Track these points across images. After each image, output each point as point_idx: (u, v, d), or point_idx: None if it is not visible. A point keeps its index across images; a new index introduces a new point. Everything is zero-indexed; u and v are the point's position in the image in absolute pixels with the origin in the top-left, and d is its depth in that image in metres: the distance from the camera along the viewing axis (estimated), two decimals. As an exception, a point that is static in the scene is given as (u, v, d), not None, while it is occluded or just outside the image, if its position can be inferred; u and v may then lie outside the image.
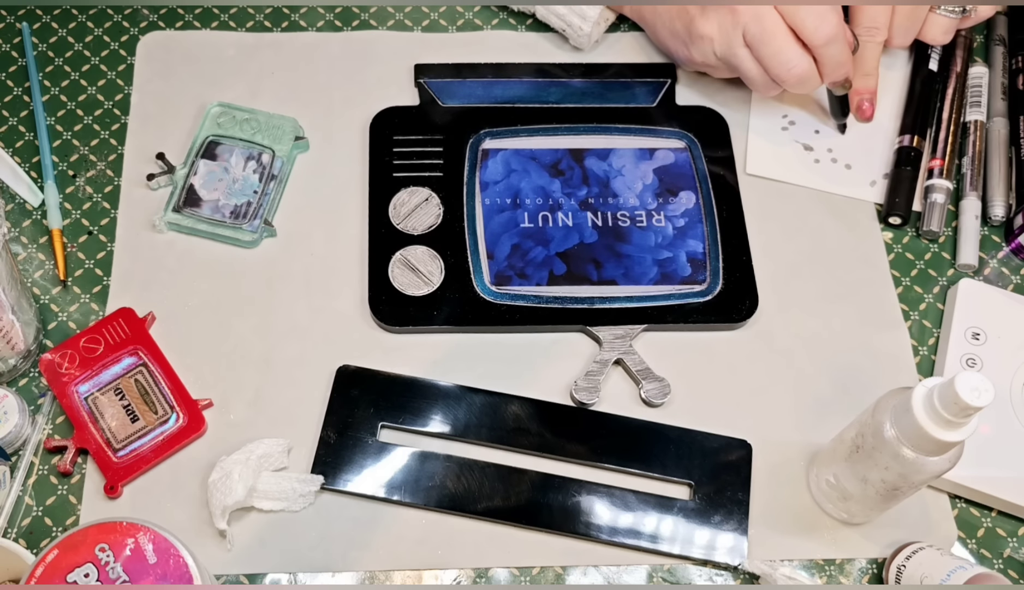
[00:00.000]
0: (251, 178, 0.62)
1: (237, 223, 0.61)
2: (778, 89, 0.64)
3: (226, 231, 0.61)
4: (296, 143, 0.64)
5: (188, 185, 0.62)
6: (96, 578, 0.42)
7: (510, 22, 0.72)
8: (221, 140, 0.64)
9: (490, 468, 0.56)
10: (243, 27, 0.71)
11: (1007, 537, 0.56)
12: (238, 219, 0.61)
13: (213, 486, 0.52)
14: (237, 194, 0.62)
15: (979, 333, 0.60)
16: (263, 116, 0.65)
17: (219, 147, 0.64)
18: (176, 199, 0.62)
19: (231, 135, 0.64)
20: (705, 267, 0.62)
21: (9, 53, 0.69)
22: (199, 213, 0.61)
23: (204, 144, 0.63)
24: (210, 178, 0.62)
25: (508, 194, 0.64)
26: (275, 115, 0.65)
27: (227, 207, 0.62)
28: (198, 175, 0.62)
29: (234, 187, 0.62)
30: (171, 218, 0.61)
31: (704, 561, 0.54)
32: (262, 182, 0.63)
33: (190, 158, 0.63)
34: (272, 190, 0.63)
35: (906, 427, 0.46)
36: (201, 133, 0.64)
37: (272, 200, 0.62)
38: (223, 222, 0.61)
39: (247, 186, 0.62)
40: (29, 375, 0.58)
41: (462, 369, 0.59)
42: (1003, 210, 0.65)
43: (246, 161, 0.63)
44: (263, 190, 0.62)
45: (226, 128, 0.64)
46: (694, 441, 0.57)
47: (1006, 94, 0.70)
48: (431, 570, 0.54)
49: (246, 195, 0.62)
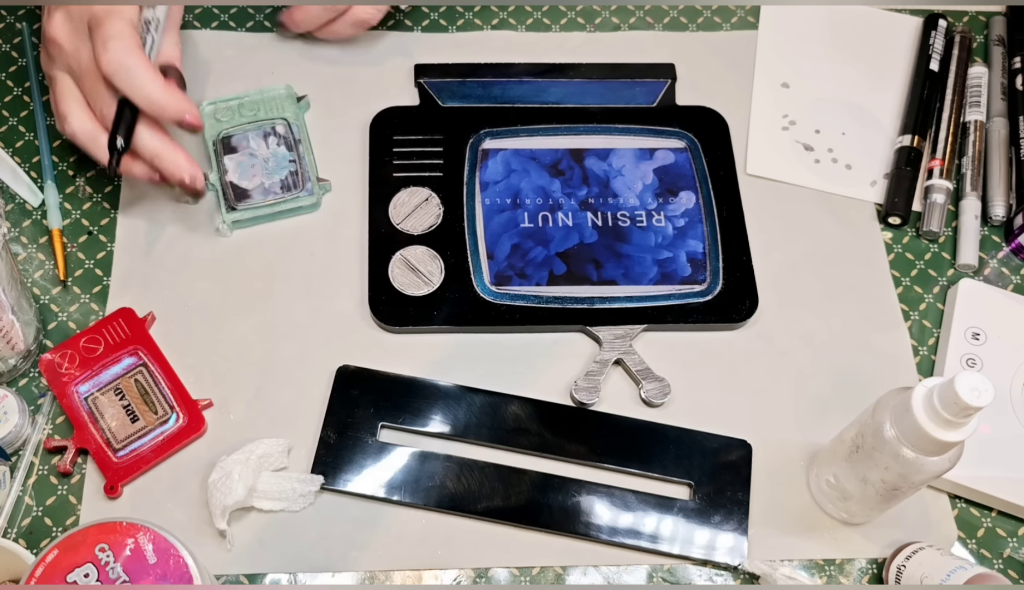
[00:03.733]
0: (279, 151, 0.63)
1: (292, 194, 0.62)
2: None
3: (286, 205, 0.62)
4: (300, 103, 0.66)
5: (228, 183, 0.62)
6: (96, 578, 0.42)
7: (510, 22, 0.72)
8: (231, 132, 0.64)
9: (490, 468, 0.56)
10: (243, 27, 0.71)
11: (1007, 537, 0.56)
12: (291, 191, 0.62)
13: (213, 486, 0.52)
14: (276, 171, 0.63)
15: (979, 333, 0.60)
16: (254, 94, 0.66)
17: (233, 139, 0.64)
18: (226, 200, 0.62)
19: (236, 124, 0.64)
20: (705, 267, 0.62)
21: (9, 53, 0.69)
22: (252, 203, 0.62)
23: (218, 142, 0.64)
24: (243, 169, 0.63)
25: (508, 194, 0.64)
26: (265, 89, 0.66)
27: (275, 185, 0.63)
28: (230, 172, 0.63)
29: (269, 166, 0.63)
30: (231, 218, 0.62)
31: (704, 561, 0.54)
32: (291, 150, 0.64)
33: (214, 161, 0.63)
34: (304, 151, 0.64)
35: (906, 427, 0.46)
36: (209, 134, 0.64)
37: (308, 160, 0.64)
38: (280, 199, 0.62)
39: (280, 160, 0.63)
40: (29, 375, 0.58)
41: (462, 369, 0.59)
42: (1003, 210, 0.65)
43: (265, 139, 0.64)
44: (297, 155, 0.63)
45: (227, 120, 0.64)
46: (694, 441, 0.57)
47: (1006, 94, 0.70)
48: (431, 570, 0.54)
49: (284, 167, 0.63)
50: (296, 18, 0.67)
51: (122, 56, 0.53)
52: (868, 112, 0.70)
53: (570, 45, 0.71)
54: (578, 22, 0.73)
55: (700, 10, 0.74)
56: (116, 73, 0.53)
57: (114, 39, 0.53)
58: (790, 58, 0.72)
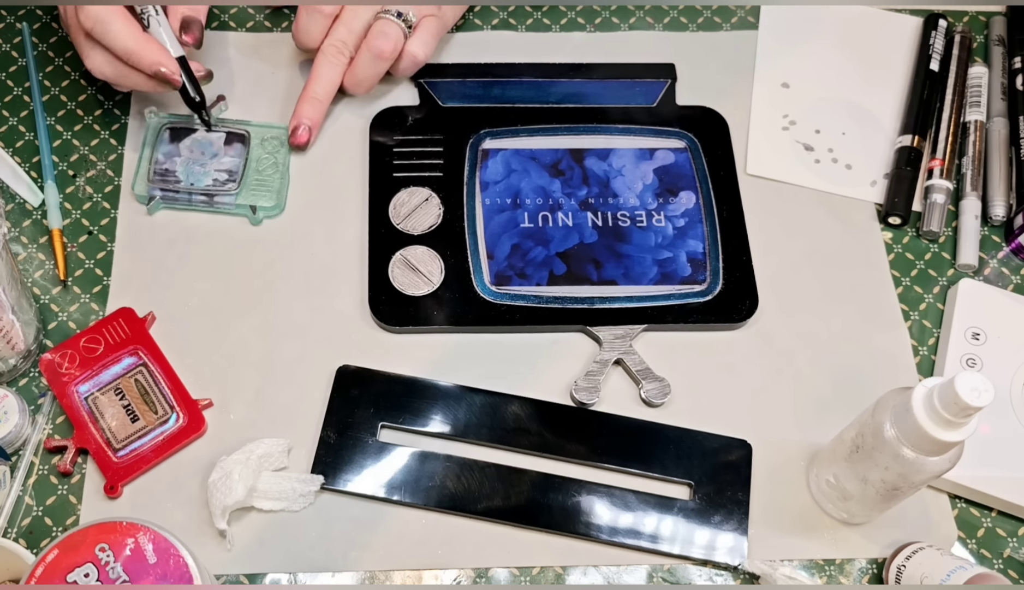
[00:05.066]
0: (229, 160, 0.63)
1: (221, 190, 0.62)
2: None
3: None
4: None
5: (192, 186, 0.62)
6: (96, 578, 0.42)
7: (510, 22, 0.72)
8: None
9: (490, 468, 0.56)
10: (243, 27, 0.71)
11: (1007, 537, 0.56)
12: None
13: (213, 486, 0.52)
14: (206, 174, 0.63)
15: (979, 333, 0.60)
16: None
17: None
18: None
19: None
20: (705, 267, 0.62)
21: (9, 53, 0.69)
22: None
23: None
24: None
25: (508, 194, 0.64)
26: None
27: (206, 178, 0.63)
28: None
29: (206, 168, 0.63)
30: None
31: (704, 561, 0.54)
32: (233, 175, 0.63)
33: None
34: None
35: (906, 427, 0.46)
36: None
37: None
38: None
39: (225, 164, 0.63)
40: (29, 375, 0.58)
41: (462, 369, 0.59)
42: (1003, 210, 0.65)
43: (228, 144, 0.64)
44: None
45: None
46: (694, 441, 0.57)
47: (1006, 94, 0.70)
48: (431, 570, 0.54)
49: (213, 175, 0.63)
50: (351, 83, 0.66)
51: (97, 11, 0.57)
52: (868, 112, 0.70)
53: (570, 45, 0.71)
54: (578, 22, 0.73)
55: (700, 10, 0.74)
56: (93, 27, 0.57)
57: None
58: (790, 58, 0.72)
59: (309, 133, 0.64)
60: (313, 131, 0.65)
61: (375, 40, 0.63)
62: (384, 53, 0.64)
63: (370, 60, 0.64)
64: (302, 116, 0.64)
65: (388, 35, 0.63)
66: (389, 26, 0.64)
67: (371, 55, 0.64)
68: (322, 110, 0.65)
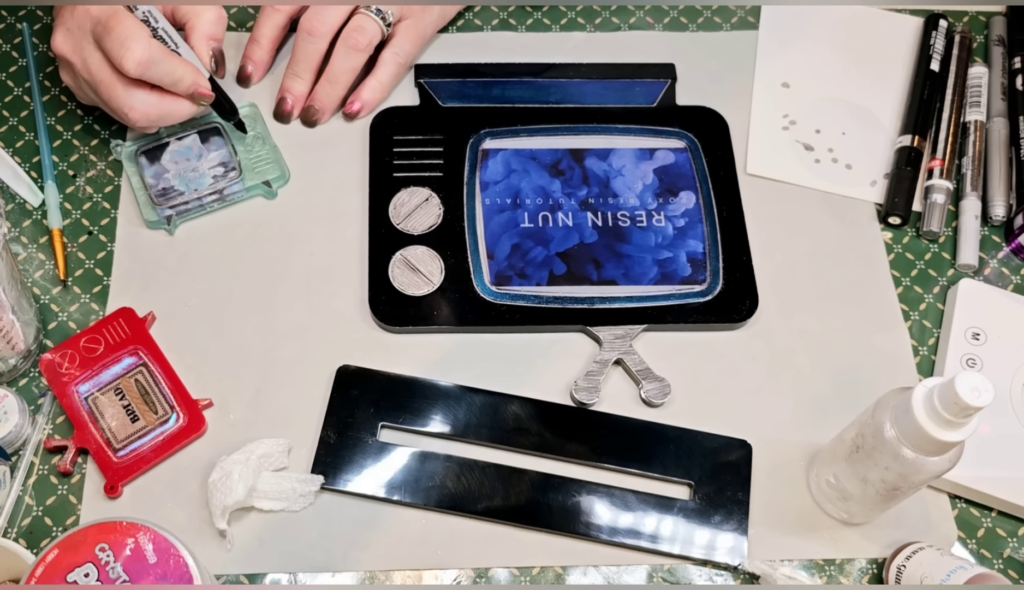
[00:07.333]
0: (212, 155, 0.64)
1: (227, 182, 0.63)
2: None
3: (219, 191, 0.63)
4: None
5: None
6: (96, 578, 0.42)
7: (510, 22, 0.72)
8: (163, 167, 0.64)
9: (490, 468, 0.56)
10: (244, 27, 0.71)
11: (1007, 537, 0.56)
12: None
13: (213, 486, 0.52)
14: (197, 180, 0.63)
15: (979, 333, 0.60)
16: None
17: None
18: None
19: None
20: (705, 267, 0.62)
21: (9, 53, 0.69)
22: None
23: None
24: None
25: (508, 194, 0.64)
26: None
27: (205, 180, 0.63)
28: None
29: (192, 174, 0.63)
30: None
31: (704, 561, 0.54)
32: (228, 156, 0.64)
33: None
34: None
35: (906, 427, 0.46)
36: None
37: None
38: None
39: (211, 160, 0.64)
40: (29, 375, 0.58)
41: (462, 369, 0.59)
42: (1003, 210, 0.65)
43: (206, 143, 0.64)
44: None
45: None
46: (694, 441, 0.57)
47: (1006, 94, 0.70)
48: (431, 570, 0.54)
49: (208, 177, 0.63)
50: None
51: (143, 53, 0.56)
52: (868, 112, 0.70)
53: (570, 45, 0.71)
54: (578, 22, 0.73)
55: (700, 10, 0.74)
56: (146, 70, 0.57)
57: (131, 38, 0.56)
58: (790, 58, 0.72)
59: (293, 105, 0.66)
60: (258, 72, 0.67)
61: (351, 33, 0.65)
62: (359, 45, 0.65)
63: (345, 52, 0.65)
64: (288, 89, 0.66)
65: (365, 29, 0.65)
66: (366, 21, 0.65)
67: (346, 47, 0.65)
68: (265, 53, 0.67)
